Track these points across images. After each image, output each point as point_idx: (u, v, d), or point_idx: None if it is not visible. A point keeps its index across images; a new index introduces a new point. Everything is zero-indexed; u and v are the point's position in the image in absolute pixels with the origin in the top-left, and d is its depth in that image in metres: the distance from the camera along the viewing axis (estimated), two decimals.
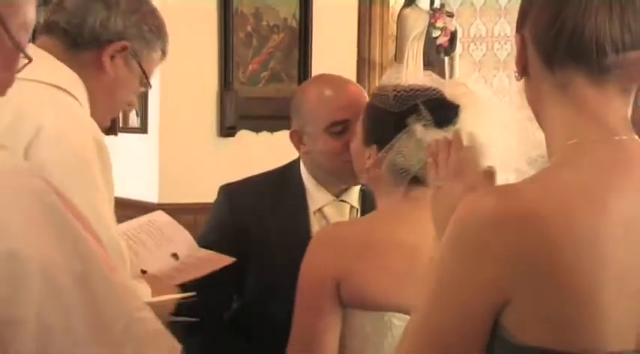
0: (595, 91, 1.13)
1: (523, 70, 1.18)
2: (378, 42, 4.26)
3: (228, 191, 2.15)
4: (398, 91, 1.68)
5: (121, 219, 3.96)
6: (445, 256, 1.12)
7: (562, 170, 1.12)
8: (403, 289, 1.54)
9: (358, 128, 1.78)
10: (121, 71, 1.76)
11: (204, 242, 2.08)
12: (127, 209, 3.83)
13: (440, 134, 1.57)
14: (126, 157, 4.03)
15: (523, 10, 1.18)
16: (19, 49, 1.16)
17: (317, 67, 3.94)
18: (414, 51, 5.51)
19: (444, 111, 1.64)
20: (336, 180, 2.07)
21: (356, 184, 2.06)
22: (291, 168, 2.15)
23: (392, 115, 1.67)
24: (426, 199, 1.49)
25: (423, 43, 5.55)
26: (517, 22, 1.20)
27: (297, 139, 2.07)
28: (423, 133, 1.62)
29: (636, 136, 1.15)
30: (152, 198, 3.76)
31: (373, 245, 1.66)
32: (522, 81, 1.21)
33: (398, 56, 5.42)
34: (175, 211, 3.49)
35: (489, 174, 1.39)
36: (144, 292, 1.97)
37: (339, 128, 1.98)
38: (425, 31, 5.56)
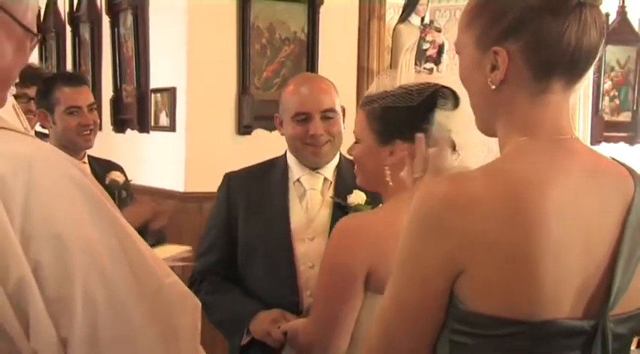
0: (562, 97, 1.15)
1: (501, 80, 1.14)
2: (376, 53, 4.25)
3: (229, 176, 2.27)
4: (409, 89, 1.62)
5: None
6: (407, 234, 1.13)
7: (508, 161, 1.14)
8: None
9: (361, 137, 1.70)
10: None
11: (211, 218, 2.26)
12: (158, 197, 3.85)
13: (455, 116, 1.55)
14: (157, 152, 4.05)
15: (507, 23, 1.13)
16: (29, 31, 1.14)
17: (322, 74, 3.94)
18: (407, 61, 5.50)
19: (453, 97, 1.58)
20: (302, 160, 2.18)
21: (315, 164, 2.18)
22: (281, 155, 2.27)
23: (413, 109, 1.58)
24: None
25: (414, 54, 5.55)
26: (490, 35, 1.14)
27: (278, 123, 2.22)
28: (444, 116, 1.55)
29: (576, 135, 1.17)
30: (179, 187, 3.78)
31: (397, 234, 1.57)
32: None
33: (392, 65, 5.42)
34: (199, 199, 3.52)
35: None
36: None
37: (302, 117, 2.12)
38: (416, 44, 5.56)
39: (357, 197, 2.15)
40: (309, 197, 2.17)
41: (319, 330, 1.65)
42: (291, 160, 2.20)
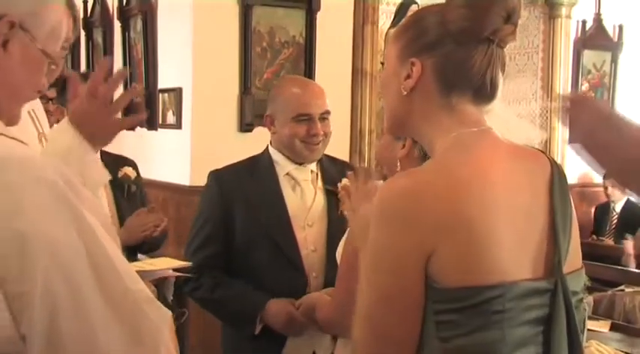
0: (473, 108, 1.22)
1: (412, 88, 1.21)
2: (369, 56, 4.24)
3: (216, 174, 2.24)
4: None
5: (160, 199, 3.97)
6: (375, 228, 1.14)
7: (449, 153, 1.19)
8: None
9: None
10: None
11: (203, 214, 2.20)
12: (165, 191, 3.85)
13: None
14: (164, 148, 4.04)
15: (426, 41, 1.20)
16: (46, 55, 1.09)
17: (319, 76, 3.94)
18: None
19: None
20: (295, 156, 2.17)
21: (310, 160, 2.18)
22: (262, 153, 2.25)
23: None
24: None
25: None
26: (411, 48, 1.22)
27: (269, 122, 2.19)
28: None
29: (492, 128, 1.23)
30: (185, 181, 3.77)
31: None
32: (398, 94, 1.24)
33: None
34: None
35: None
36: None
37: (304, 118, 2.12)
38: None
39: None
40: (302, 187, 2.18)
41: (341, 310, 1.65)
42: (276, 156, 2.19)
